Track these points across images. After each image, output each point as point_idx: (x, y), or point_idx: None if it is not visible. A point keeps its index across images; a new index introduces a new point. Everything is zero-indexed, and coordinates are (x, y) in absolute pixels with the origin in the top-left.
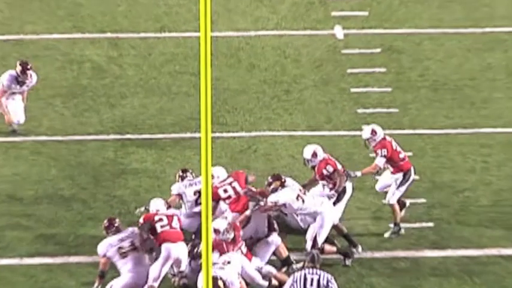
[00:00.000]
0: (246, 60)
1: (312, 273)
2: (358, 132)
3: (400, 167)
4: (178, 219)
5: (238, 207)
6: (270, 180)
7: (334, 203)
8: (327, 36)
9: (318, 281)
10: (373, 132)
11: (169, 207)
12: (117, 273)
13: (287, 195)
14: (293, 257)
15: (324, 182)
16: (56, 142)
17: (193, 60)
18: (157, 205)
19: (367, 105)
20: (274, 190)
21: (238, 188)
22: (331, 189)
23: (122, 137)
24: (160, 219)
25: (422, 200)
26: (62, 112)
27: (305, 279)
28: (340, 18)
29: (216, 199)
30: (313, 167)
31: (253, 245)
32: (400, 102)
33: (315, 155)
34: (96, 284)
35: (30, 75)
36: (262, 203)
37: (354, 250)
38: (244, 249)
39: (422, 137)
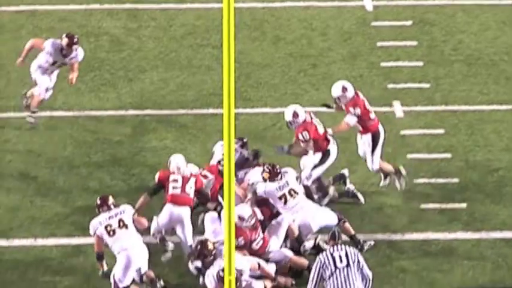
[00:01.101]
0: (270, 33)
1: (338, 250)
2: (388, 108)
3: (369, 128)
4: (197, 181)
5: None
6: (266, 169)
7: (316, 166)
8: (355, 8)
9: (347, 255)
10: (344, 89)
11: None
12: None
13: (270, 189)
14: None
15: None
16: (72, 118)
17: (216, 33)
18: (177, 162)
19: (398, 80)
20: (264, 180)
21: (209, 175)
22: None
23: (140, 112)
24: (175, 180)
25: (455, 180)
26: (78, 86)
27: (333, 257)
28: None
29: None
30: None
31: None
32: (432, 77)
33: (296, 115)
34: (100, 270)
35: (76, 49)
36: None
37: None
38: (261, 234)
39: (455, 114)
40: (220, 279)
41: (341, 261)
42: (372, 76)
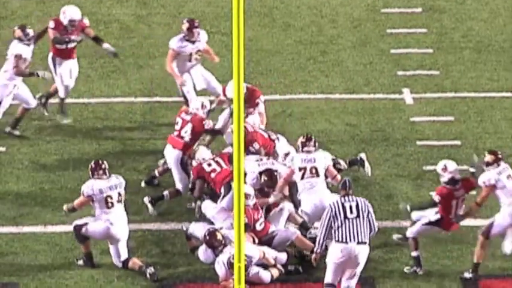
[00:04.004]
0: (280, 20)
1: (349, 200)
2: (398, 96)
3: None
4: (195, 127)
5: (221, 176)
6: (303, 140)
7: None
8: None
9: (357, 206)
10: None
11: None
12: None
13: (295, 157)
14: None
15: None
16: (82, 105)
17: (225, 20)
18: (196, 104)
19: (408, 67)
20: (299, 144)
21: (222, 163)
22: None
23: (150, 99)
24: (177, 123)
25: (465, 167)
26: (87, 74)
27: (344, 207)
28: None
29: (201, 175)
30: None
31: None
32: (441, 64)
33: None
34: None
35: (198, 33)
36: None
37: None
38: (263, 217)
39: (465, 101)
40: (230, 266)
41: (351, 211)
42: (381, 63)
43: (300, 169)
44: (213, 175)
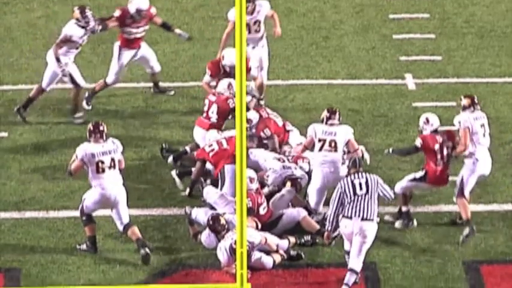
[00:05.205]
0: (282, 5)
1: (358, 177)
2: (400, 81)
3: None
4: (219, 107)
5: (218, 157)
6: (327, 114)
7: None
8: None
9: (367, 183)
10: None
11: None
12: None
13: (317, 126)
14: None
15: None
16: (84, 90)
17: (228, 5)
18: (224, 85)
19: (410, 53)
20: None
21: (224, 143)
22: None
23: (152, 85)
24: (204, 104)
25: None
26: (90, 59)
27: (353, 185)
28: None
29: (201, 157)
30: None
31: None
32: (444, 50)
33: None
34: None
35: (254, 6)
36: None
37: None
38: (266, 202)
39: (467, 86)
40: (232, 252)
41: (361, 188)
42: (384, 48)
43: (320, 140)
44: (211, 154)
